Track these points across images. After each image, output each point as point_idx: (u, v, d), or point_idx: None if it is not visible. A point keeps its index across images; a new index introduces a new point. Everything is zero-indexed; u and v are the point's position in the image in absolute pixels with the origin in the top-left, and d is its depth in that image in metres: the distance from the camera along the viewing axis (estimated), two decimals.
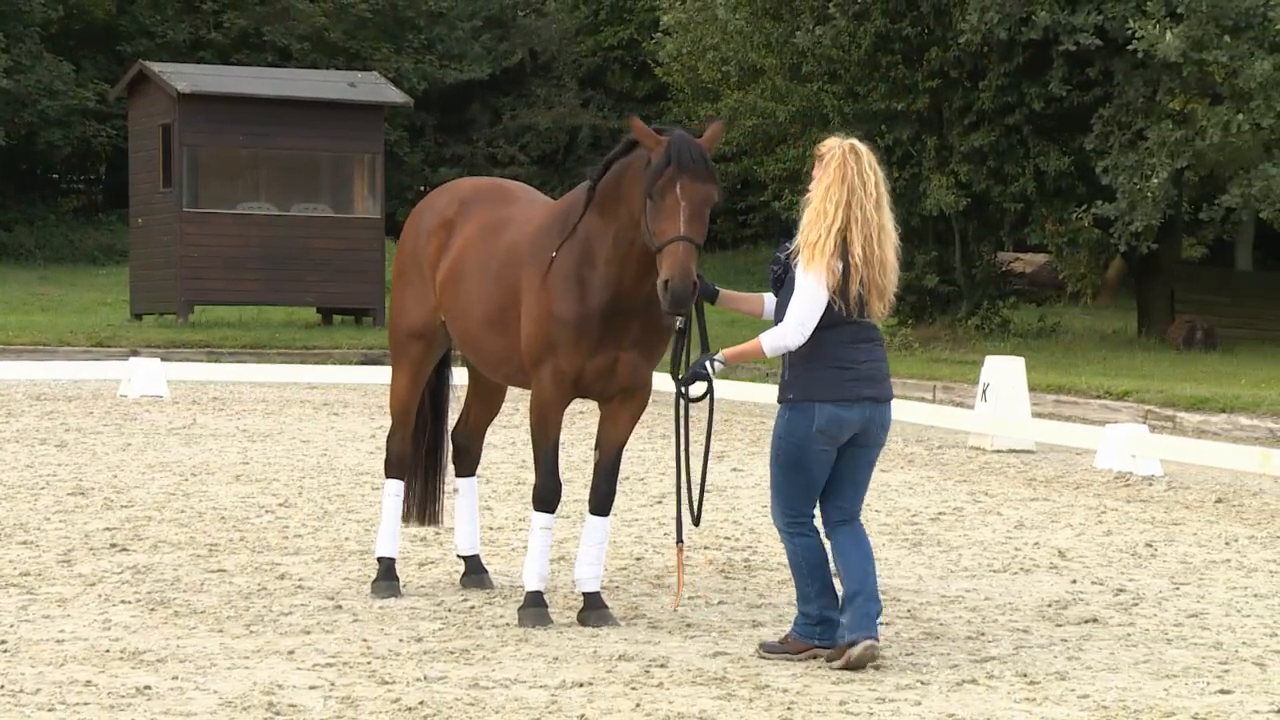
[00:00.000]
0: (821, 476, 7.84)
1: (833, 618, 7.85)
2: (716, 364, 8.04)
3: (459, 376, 10.13)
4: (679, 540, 8.55)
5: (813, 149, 8.20)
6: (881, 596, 7.94)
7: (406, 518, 9.80)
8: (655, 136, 8.26)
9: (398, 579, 9.53)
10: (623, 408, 8.76)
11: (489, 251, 9.07)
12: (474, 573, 9.72)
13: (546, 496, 8.76)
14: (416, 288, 9.51)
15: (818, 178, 7.82)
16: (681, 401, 8.33)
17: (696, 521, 8.46)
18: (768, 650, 8.00)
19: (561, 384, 8.65)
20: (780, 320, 7.83)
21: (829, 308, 7.73)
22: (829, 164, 7.78)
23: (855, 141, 7.88)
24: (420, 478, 9.85)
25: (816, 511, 8.00)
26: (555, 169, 48.68)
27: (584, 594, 8.79)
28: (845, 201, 7.70)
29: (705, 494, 8.52)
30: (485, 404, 9.93)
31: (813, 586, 7.90)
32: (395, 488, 9.65)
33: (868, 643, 7.72)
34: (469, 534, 9.74)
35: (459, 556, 9.84)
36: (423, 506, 9.89)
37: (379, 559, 9.55)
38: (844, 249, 7.70)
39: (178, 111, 30.62)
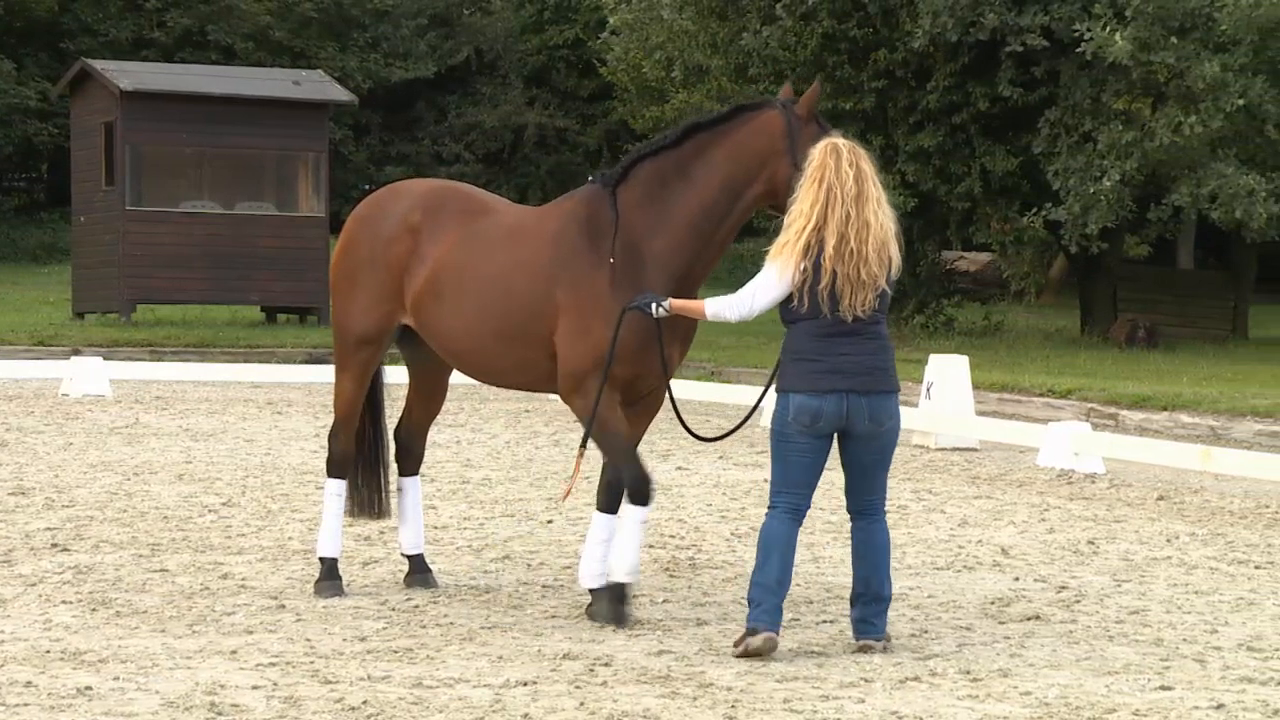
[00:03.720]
0: (804, 464, 7.99)
1: (754, 598, 7.95)
2: (662, 309, 8.37)
3: (392, 375, 10.10)
4: (582, 445, 8.63)
5: None
6: (831, 594, 7.89)
7: (353, 513, 9.78)
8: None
9: (341, 578, 9.50)
10: (649, 403, 8.95)
11: (491, 265, 8.96)
12: (418, 572, 9.69)
13: (640, 489, 8.69)
14: (370, 293, 9.36)
15: (801, 181, 8.06)
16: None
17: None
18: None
19: (615, 389, 8.67)
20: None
21: (790, 304, 8.00)
22: (808, 167, 8.04)
23: (837, 140, 8.09)
24: (364, 474, 9.80)
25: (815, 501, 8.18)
26: (501, 167, 48.64)
27: (615, 584, 8.72)
28: (821, 202, 7.93)
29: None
30: (426, 403, 9.90)
31: (756, 560, 8.07)
32: (337, 487, 9.61)
33: (863, 642, 8.07)
34: (413, 533, 9.71)
35: (403, 555, 9.81)
36: (370, 502, 9.84)
37: (321, 559, 9.52)
38: (819, 249, 7.90)
39: (120, 109, 30.43)
